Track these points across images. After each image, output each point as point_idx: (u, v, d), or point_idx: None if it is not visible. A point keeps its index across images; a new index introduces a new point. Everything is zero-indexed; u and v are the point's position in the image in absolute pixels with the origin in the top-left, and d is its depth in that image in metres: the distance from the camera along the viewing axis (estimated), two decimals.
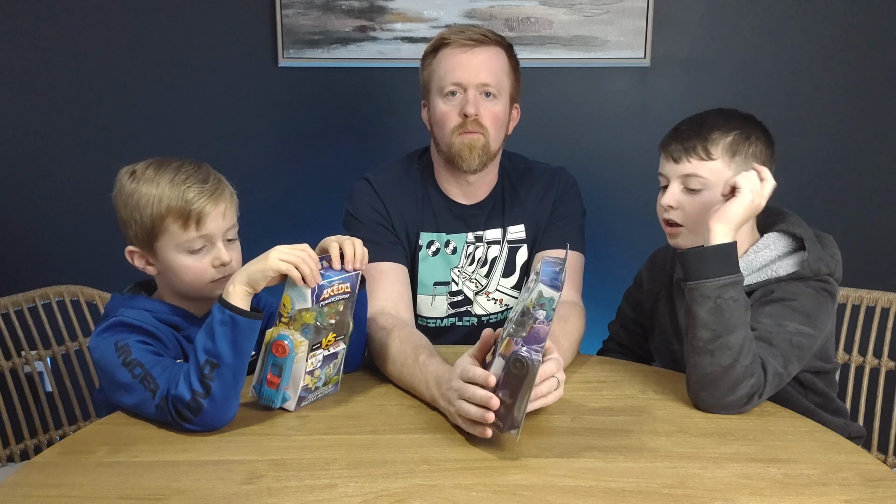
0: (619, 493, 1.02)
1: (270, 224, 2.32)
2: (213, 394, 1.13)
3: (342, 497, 1.01)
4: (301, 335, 1.20)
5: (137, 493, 1.02)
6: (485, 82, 1.51)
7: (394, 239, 1.58)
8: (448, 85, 1.52)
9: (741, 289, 1.25)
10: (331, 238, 1.27)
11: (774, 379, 1.24)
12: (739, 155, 1.36)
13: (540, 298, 1.06)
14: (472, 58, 1.51)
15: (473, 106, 1.50)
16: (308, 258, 1.18)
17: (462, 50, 1.51)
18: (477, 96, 1.51)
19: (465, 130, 1.51)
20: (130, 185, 1.26)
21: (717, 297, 1.22)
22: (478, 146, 1.52)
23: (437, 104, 1.54)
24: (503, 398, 1.09)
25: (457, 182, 1.60)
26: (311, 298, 1.18)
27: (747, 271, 1.38)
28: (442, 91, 1.53)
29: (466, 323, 1.63)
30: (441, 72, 1.53)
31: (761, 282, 1.37)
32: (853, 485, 1.04)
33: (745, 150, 1.36)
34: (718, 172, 1.35)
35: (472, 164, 1.53)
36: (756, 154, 1.37)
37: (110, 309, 1.29)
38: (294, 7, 2.23)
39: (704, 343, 1.23)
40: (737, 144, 1.36)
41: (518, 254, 1.63)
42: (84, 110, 2.32)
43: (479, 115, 1.51)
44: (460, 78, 1.51)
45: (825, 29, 2.25)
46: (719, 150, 1.36)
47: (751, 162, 1.35)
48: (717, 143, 1.36)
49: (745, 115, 1.41)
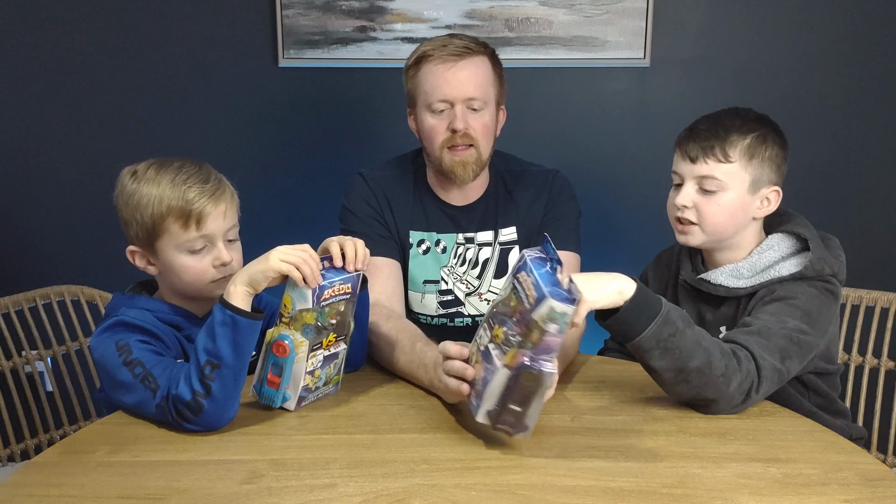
0: (619, 493, 1.02)
1: (270, 224, 2.33)
2: (213, 394, 1.13)
3: (342, 497, 1.01)
4: (302, 335, 1.20)
5: (137, 493, 1.02)
6: (471, 96, 1.52)
7: (387, 234, 1.60)
8: (434, 101, 1.52)
9: (672, 317, 1.21)
10: (332, 238, 1.27)
11: (773, 374, 1.23)
12: (756, 158, 1.36)
13: (551, 313, 1.02)
14: (458, 73, 1.51)
15: (462, 121, 1.51)
16: (309, 259, 1.18)
17: (446, 65, 1.51)
18: (464, 111, 1.52)
19: (453, 145, 1.52)
20: (131, 186, 1.26)
21: (657, 343, 1.19)
22: (470, 161, 1.54)
23: (424, 118, 1.55)
24: (512, 407, 1.08)
25: (448, 186, 1.62)
26: (311, 299, 1.18)
27: (751, 272, 1.38)
28: (429, 106, 1.53)
29: (459, 323, 1.64)
30: (427, 87, 1.53)
31: (764, 282, 1.37)
32: (853, 485, 1.04)
33: (761, 153, 1.37)
34: (734, 175, 1.36)
35: (466, 178, 1.55)
36: (772, 157, 1.37)
37: (111, 309, 1.29)
38: (294, 7, 2.23)
39: (674, 380, 1.22)
40: (754, 147, 1.36)
41: (510, 255, 1.63)
42: (84, 110, 2.32)
43: (467, 128, 1.52)
44: (447, 94, 1.51)
45: (825, 29, 2.25)
46: (737, 153, 1.36)
47: (767, 164, 1.36)
48: (735, 145, 1.36)
49: (760, 116, 1.41)
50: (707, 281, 1.42)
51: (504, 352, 1.09)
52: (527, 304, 1.06)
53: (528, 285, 1.07)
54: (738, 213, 1.38)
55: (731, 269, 1.40)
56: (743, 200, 1.37)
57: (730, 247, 1.42)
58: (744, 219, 1.39)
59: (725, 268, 1.41)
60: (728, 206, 1.36)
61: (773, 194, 1.40)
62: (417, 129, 1.60)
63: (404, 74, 1.59)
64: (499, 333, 1.11)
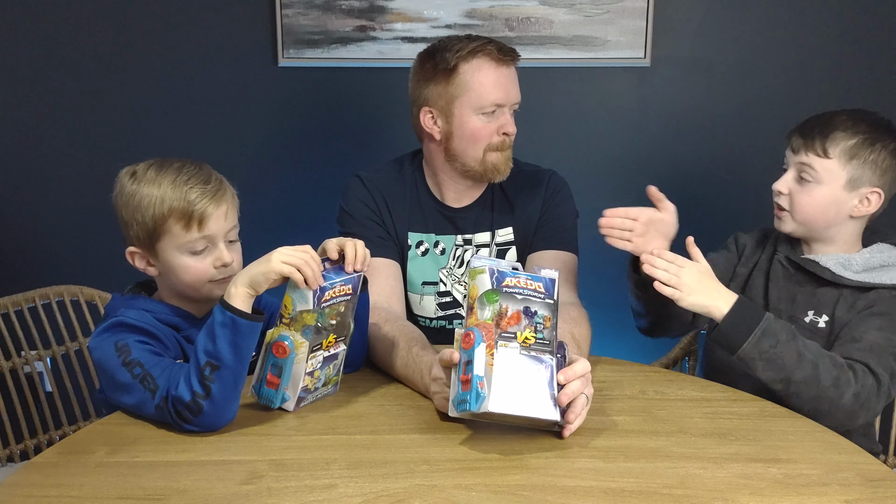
0: (619, 493, 1.02)
1: (270, 224, 2.33)
2: (213, 395, 1.13)
3: (342, 497, 1.01)
4: (301, 336, 1.20)
5: (137, 493, 1.02)
6: (518, 101, 1.55)
7: (385, 235, 1.60)
8: (489, 105, 1.51)
9: (774, 329, 1.28)
10: (332, 240, 1.27)
11: (888, 389, 1.28)
12: (857, 159, 1.38)
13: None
14: (511, 76, 1.53)
15: (513, 126, 1.54)
16: (311, 260, 1.17)
17: (498, 66, 1.51)
18: (511, 114, 1.55)
19: (501, 148, 1.54)
20: (131, 186, 1.26)
21: (759, 354, 1.27)
22: (511, 157, 1.58)
23: (468, 119, 1.52)
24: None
25: (448, 186, 1.62)
26: (312, 300, 1.18)
27: (862, 267, 1.40)
28: (481, 108, 1.51)
29: (458, 325, 1.64)
30: (480, 89, 1.50)
31: (874, 282, 1.39)
32: (853, 485, 1.04)
33: (865, 155, 1.38)
34: (832, 172, 1.39)
35: (506, 174, 1.57)
36: (877, 161, 1.39)
37: (110, 309, 1.29)
38: (294, 7, 2.23)
39: (785, 392, 1.28)
40: (857, 148, 1.38)
41: (507, 256, 1.64)
42: (84, 110, 2.32)
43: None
44: (503, 99, 1.52)
45: (825, 29, 2.25)
46: (837, 151, 1.38)
47: (869, 167, 1.38)
48: (836, 143, 1.38)
49: (879, 121, 1.43)
50: (816, 262, 1.44)
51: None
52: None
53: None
54: (830, 208, 1.41)
55: (844, 260, 1.42)
56: (837, 196, 1.40)
57: (825, 240, 1.45)
58: (837, 214, 1.42)
59: (838, 255, 1.43)
60: (820, 199, 1.40)
61: (875, 196, 1.41)
62: (447, 128, 1.54)
63: (430, 72, 1.53)
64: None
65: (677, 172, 2.30)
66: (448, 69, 1.51)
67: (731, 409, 1.27)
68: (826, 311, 1.42)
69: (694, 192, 2.28)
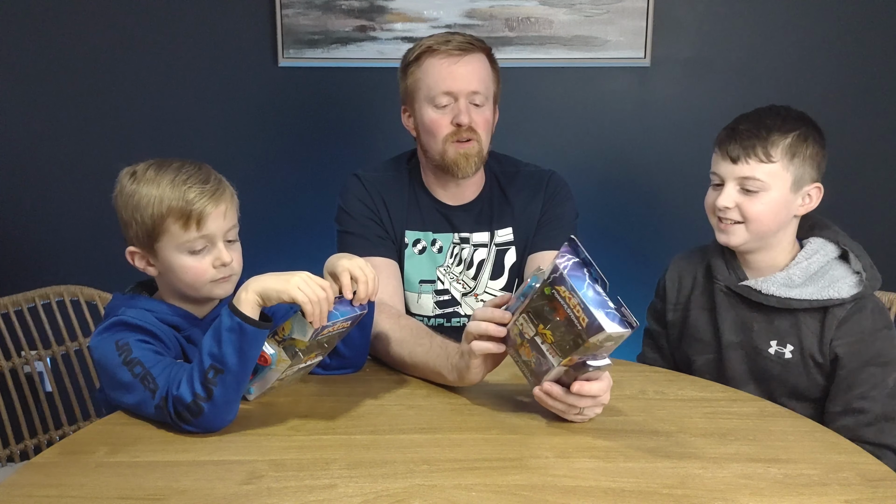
0: (619, 493, 1.02)
1: (270, 224, 2.33)
2: (214, 398, 1.13)
3: (342, 497, 1.01)
4: (286, 354, 1.22)
5: (137, 493, 1.02)
6: (475, 90, 1.53)
7: (383, 234, 1.60)
8: (438, 95, 1.53)
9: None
10: (344, 263, 1.25)
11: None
12: (798, 157, 1.36)
13: (608, 338, 1.07)
14: (462, 67, 1.52)
15: (466, 115, 1.52)
16: (324, 300, 1.17)
17: (451, 60, 1.52)
18: (467, 105, 1.53)
19: (458, 139, 1.53)
20: (131, 186, 1.26)
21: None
22: (473, 154, 1.55)
23: (425, 113, 1.55)
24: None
25: (444, 184, 1.62)
26: (309, 335, 1.19)
27: (802, 278, 1.37)
28: (432, 101, 1.54)
29: (456, 324, 1.64)
30: (430, 81, 1.53)
31: (822, 300, 1.35)
32: (853, 485, 1.04)
33: (803, 151, 1.37)
34: (777, 175, 1.36)
35: (468, 171, 1.56)
36: (812, 156, 1.37)
37: (111, 309, 1.29)
38: (294, 7, 2.23)
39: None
40: (795, 146, 1.36)
41: (506, 256, 1.63)
42: (84, 110, 2.32)
43: (471, 122, 1.53)
44: (451, 87, 1.52)
45: (825, 29, 2.25)
46: (779, 153, 1.36)
47: (808, 163, 1.36)
48: (776, 145, 1.36)
49: (800, 115, 1.41)
50: (756, 290, 1.40)
51: (557, 352, 1.12)
52: (577, 325, 1.08)
53: (575, 306, 1.08)
54: (781, 212, 1.38)
55: (783, 278, 1.38)
56: (786, 199, 1.37)
57: (768, 247, 1.41)
58: (786, 217, 1.39)
59: (777, 276, 1.39)
60: (772, 205, 1.36)
61: (815, 191, 1.40)
62: (416, 125, 1.60)
63: (401, 71, 1.59)
64: (547, 334, 1.13)
65: (677, 172, 2.30)
66: (406, 67, 1.58)
67: (731, 409, 1.27)
68: (790, 340, 1.39)
69: (693, 192, 2.27)
